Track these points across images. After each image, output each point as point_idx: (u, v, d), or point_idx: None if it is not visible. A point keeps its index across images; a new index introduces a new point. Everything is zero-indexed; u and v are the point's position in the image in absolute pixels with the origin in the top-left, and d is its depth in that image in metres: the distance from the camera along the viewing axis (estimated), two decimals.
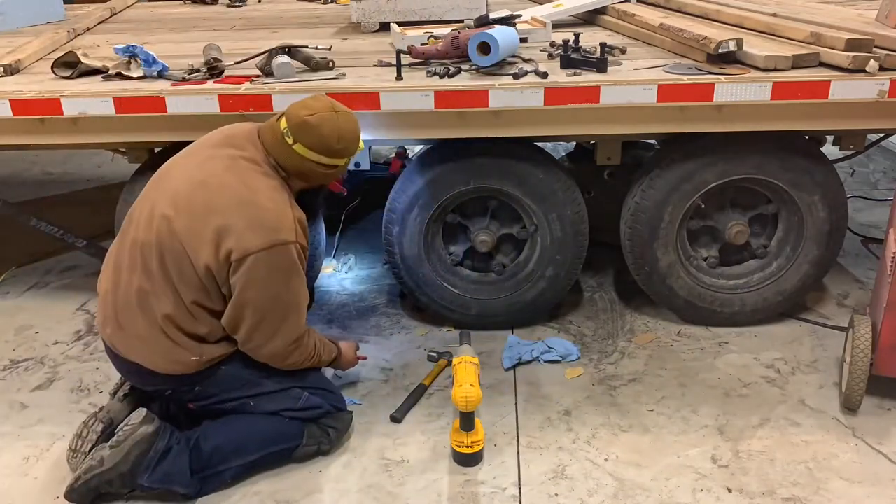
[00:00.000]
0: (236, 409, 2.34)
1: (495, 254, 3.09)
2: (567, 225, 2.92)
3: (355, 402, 2.67)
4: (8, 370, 2.97)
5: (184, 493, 2.24)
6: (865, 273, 3.51)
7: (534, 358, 2.89)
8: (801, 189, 2.85)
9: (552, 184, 2.87)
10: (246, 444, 2.32)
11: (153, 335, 2.21)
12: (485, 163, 2.84)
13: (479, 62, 2.70)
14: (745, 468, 2.35)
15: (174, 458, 2.22)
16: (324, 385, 2.48)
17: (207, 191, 2.17)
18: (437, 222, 2.99)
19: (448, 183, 2.88)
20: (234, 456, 2.30)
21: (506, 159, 2.84)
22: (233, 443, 2.31)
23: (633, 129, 2.69)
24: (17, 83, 2.83)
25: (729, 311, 3.05)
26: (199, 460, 2.25)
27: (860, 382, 2.48)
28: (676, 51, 2.91)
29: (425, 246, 2.97)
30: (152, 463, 2.19)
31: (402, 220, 2.92)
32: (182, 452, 2.24)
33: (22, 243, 3.93)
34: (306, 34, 3.70)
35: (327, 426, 2.42)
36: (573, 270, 3.03)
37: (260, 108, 2.62)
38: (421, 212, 2.91)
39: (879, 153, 5.01)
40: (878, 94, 2.52)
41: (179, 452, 2.23)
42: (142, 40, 3.49)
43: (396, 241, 2.96)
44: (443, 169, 2.87)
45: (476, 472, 2.36)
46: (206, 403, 2.34)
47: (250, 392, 2.33)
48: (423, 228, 2.94)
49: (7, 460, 2.48)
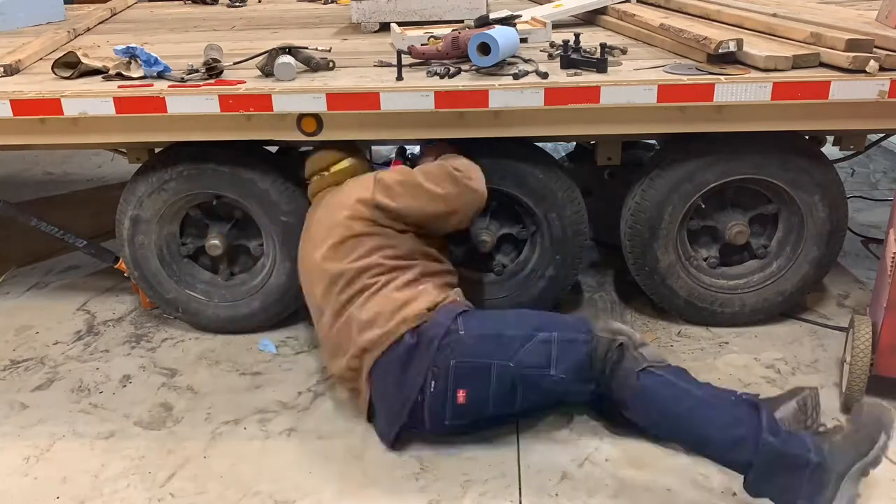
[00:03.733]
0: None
1: (495, 254, 3.09)
2: (567, 225, 2.92)
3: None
4: (8, 370, 2.98)
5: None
6: (865, 273, 3.51)
7: None
8: (801, 189, 2.85)
9: (551, 184, 2.87)
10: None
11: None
12: (483, 163, 2.83)
13: (479, 62, 2.70)
14: None
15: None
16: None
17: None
18: None
19: None
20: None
21: (505, 159, 2.84)
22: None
23: (634, 130, 2.69)
24: (18, 83, 2.83)
25: (729, 311, 3.06)
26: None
27: (860, 383, 2.48)
28: (676, 51, 2.91)
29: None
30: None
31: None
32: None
33: (22, 243, 3.93)
34: (306, 34, 3.70)
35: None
36: (573, 270, 3.03)
37: (260, 108, 2.62)
38: None
39: (879, 153, 5.01)
40: (878, 94, 2.52)
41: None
42: (142, 41, 3.49)
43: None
44: None
45: (477, 474, 2.36)
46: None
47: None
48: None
49: (7, 460, 2.48)
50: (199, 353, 3.05)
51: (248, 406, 2.72)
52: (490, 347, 2.26)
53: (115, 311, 3.40)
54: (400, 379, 2.31)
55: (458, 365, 2.24)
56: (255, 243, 3.08)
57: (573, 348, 2.24)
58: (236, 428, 2.61)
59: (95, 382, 2.88)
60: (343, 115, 2.64)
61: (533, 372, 2.24)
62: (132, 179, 2.96)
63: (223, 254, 3.07)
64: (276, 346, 3.06)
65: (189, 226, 3.10)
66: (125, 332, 3.22)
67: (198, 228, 3.10)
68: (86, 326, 3.28)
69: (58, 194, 4.83)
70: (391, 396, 2.36)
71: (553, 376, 2.23)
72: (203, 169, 2.88)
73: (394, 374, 2.32)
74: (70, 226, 3.30)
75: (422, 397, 2.29)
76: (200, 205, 3.04)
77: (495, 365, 2.24)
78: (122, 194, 2.97)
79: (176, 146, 2.91)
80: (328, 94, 2.60)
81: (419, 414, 2.33)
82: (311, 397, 2.75)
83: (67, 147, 3.13)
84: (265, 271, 3.06)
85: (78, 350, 3.10)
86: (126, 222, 2.99)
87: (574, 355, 2.23)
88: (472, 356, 2.25)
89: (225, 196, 2.95)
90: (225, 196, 2.95)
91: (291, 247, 2.91)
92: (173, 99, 2.62)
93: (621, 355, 2.20)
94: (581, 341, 2.25)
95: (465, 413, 2.31)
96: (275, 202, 2.90)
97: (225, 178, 2.88)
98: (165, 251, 3.06)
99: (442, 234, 2.64)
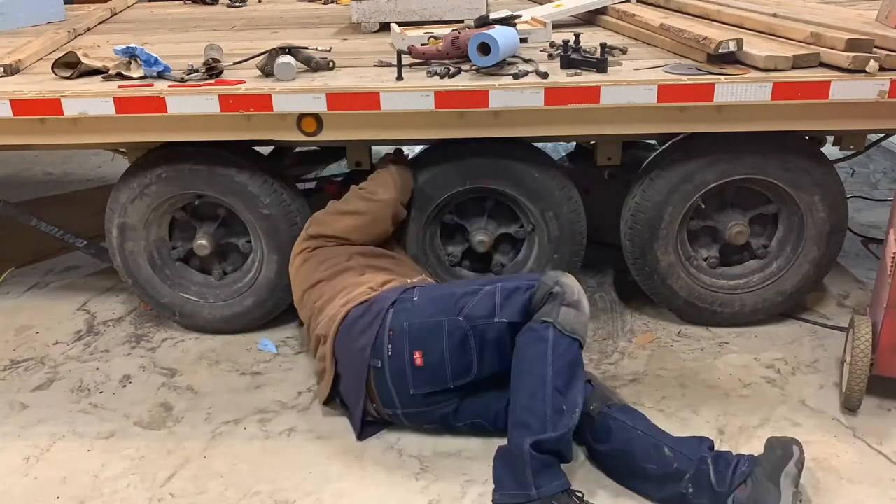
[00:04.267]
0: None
1: (493, 253, 3.09)
2: (564, 224, 2.92)
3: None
4: (8, 370, 2.98)
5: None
6: (865, 273, 3.51)
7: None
8: (801, 189, 2.85)
9: (548, 182, 2.87)
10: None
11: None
12: (481, 163, 2.84)
13: (479, 62, 2.70)
14: None
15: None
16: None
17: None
18: (435, 223, 3.00)
19: (444, 183, 2.88)
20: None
21: (502, 159, 2.84)
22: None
23: (634, 130, 2.70)
24: (18, 83, 2.82)
25: (729, 311, 3.05)
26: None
27: (860, 383, 2.48)
28: (677, 51, 2.91)
29: (423, 246, 2.98)
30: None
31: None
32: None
33: (22, 243, 3.94)
34: (306, 34, 3.70)
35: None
36: (571, 269, 3.02)
37: (260, 108, 2.62)
38: (418, 213, 2.91)
39: (879, 153, 5.01)
40: (878, 94, 2.51)
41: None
42: (142, 41, 3.49)
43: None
44: (439, 169, 2.88)
45: (477, 474, 2.36)
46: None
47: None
48: (421, 229, 2.94)
49: (7, 460, 2.48)
50: (199, 353, 3.05)
51: (248, 406, 2.72)
52: (440, 307, 2.35)
53: (115, 311, 3.40)
54: (355, 346, 2.42)
55: (411, 326, 2.34)
56: (243, 240, 3.09)
57: (515, 294, 2.30)
58: (236, 428, 2.61)
59: (95, 382, 2.88)
60: (343, 115, 2.64)
61: (480, 322, 2.29)
62: (115, 188, 2.96)
63: (213, 254, 3.08)
64: (276, 346, 3.06)
65: (177, 229, 3.11)
66: (125, 332, 3.22)
67: (186, 231, 3.11)
68: (86, 326, 3.28)
69: (58, 194, 4.84)
70: (350, 366, 2.46)
71: (498, 323, 2.28)
72: (180, 169, 2.88)
73: (349, 344, 2.44)
74: (70, 226, 3.31)
75: (379, 362, 2.35)
76: (185, 207, 3.05)
77: (446, 322, 2.31)
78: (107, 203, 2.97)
79: (154, 150, 2.91)
80: (328, 94, 2.60)
81: (385, 390, 2.39)
82: (311, 397, 2.75)
83: (67, 147, 3.13)
84: (255, 267, 3.07)
85: (78, 350, 3.10)
86: (114, 231, 2.99)
87: (516, 300, 2.30)
88: (425, 316, 2.35)
89: (206, 195, 2.95)
90: (206, 195, 2.95)
91: (277, 240, 2.93)
92: (173, 99, 2.62)
93: (544, 302, 2.27)
94: (524, 288, 2.31)
95: (426, 378, 2.35)
96: (254, 196, 2.90)
97: (202, 176, 2.89)
98: (156, 256, 3.07)
99: (385, 234, 2.84)
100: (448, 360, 2.32)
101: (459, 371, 2.34)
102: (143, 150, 2.98)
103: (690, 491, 2.14)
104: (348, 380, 2.50)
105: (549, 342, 2.21)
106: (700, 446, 2.22)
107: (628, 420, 2.31)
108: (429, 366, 2.33)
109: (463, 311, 2.31)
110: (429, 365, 2.33)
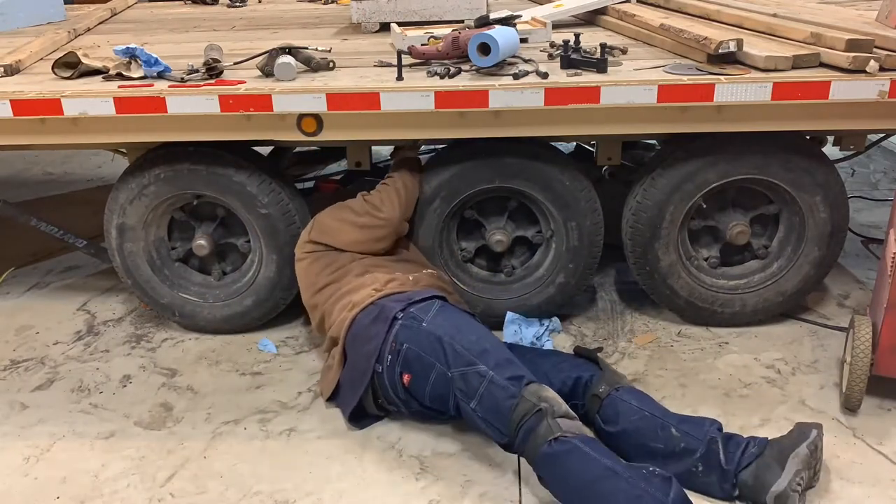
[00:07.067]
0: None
1: (507, 255, 3.09)
2: (585, 235, 2.92)
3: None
4: (8, 370, 2.98)
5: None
6: (866, 273, 3.51)
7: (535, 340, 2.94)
8: (802, 189, 2.85)
9: (576, 192, 2.87)
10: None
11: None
12: (513, 162, 2.83)
13: (479, 62, 2.70)
14: None
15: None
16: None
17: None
18: (455, 217, 3.00)
19: (473, 179, 2.87)
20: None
21: (534, 162, 2.84)
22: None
23: (634, 130, 2.69)
24: (18, 83, 2.82)
25: (729, 311, 3.05)
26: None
27: (860, 383, 2.48)
28: (677, 51, 2.91)
29: (440, 239, 2.98)
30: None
31: (421, 210, 2.92)
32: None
33: (22, 243, 3.94)
34: (306, 34, 3.70)
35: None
36: (583, 280, 3.03)
37: (260, 108, 2.62)
38: (442, 204, 2.91)
39: (880, 153, 5.01)
40: (878, 94, 2.51)
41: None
42: (142, 41, 3.49)
43: (413, 231, 2.96)
44: (470, 164, 2.86)
45: (477, 474, 2.36)
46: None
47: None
48: (441, 222, 2.94)
49: (7, 460, 2.48)
50: (199, 353, 3.05)
51: (248, 406, 2.72)
52: (438, 352, 2.34)
53: (115, 311, 3.40)
54: (361, 350, 2.51)
55: (409, 350, 2.39)
56: (242, 240, 3.09)
57: (497, 395, 2.22)
58: (236, 428, 2.61)
59: (95, 382, 2.88)
60: (343, 116, 2.64)
61: (459, 394, 2.30)
62: (114, 189, 2.97)
63: (212, 253, 3.08)
64: (276, 346, 3.06)
65: (176, 229, 3.11)
66: (125, 332, 3.22)
67: (185, 231, 3.11)
68: (86, 326, 3.28)
69: (58, 194, 4.84)
70: (355, 366, 2.55)
71: (472, 409, 2.26)
72: (179, 170, 2.88)
73: (357, 347, 2.53)
74: (70, 226, 3.31)
75: (380, 367, 2.46)
76: (184, 207, 3.05)
77: (437, 367, 2.34)
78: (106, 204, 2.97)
79: (152, 150, 2.91)
80: (328, 95, 2.60)
81: (385, 390, 2.48)
82: (311, 397, 2.75)
83: (67, 147, 3.13)
84: (254, 267, 3.07)
85: (78, 350, 3.10)
86: (113, 231, 2.99)
87: (495, 401, 2.21)
88: (423, 349, 2.37)
89: (204, 195, 2.95)
90: (204, 195, 2.95)
91: (275, 239, 2.93)
92: (173, 99, 2.62)
93: (538, 421, 2.15)
94: (508, 394, 2.21)
95: (409, 396, 2.44)
96: (253, 195, 2.90)
97: (201, 176, 2.89)
98: (155, 256, 3.07)
99: (386, 249, 2.88)
100: (427, 396, 2.40)
101: (436, 405, 2.41)
102: (144, 151, 2.98)
103: (700, 469, 2.19)
104: (351, 372, 2.58)
105: (576, 448, 2.09)
106: (708, 427, 2.26)
107: (636, 401, 2.34)
108: (412, 390, 2.42)
109: (452, 370, 2.30)
110: (412, 390, 2.42)
